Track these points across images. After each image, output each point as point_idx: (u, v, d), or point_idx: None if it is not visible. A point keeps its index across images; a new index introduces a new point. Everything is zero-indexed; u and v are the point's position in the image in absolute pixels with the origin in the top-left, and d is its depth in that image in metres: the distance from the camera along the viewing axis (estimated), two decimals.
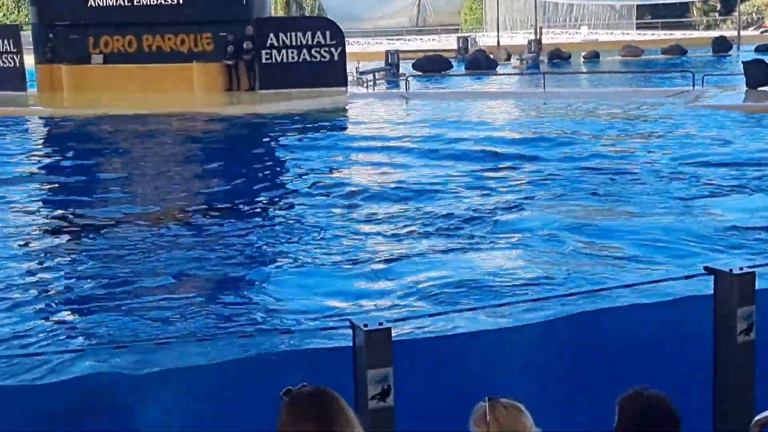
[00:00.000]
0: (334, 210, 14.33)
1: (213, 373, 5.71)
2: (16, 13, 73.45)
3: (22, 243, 13.12)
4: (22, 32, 35.70)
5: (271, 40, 30.69)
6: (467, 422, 3.62)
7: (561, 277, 10.06)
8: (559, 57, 50.45)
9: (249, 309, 9.67)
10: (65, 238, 13.56)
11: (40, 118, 28.61)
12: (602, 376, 5.64)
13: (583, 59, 51.37)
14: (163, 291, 10.36)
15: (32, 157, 21.51)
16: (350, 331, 4.84)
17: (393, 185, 16.10)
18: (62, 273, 11.47)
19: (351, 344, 4.82)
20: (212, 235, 12.90)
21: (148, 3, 31.45)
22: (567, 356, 5.98)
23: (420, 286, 10.10)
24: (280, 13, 68.99)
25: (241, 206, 15.08)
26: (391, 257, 11.35)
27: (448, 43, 60.58)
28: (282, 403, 3.17)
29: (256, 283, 10.67)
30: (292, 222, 13.74)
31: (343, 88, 30.68)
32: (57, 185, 18.34)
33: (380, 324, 4.79)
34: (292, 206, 14.85)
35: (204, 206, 15.09)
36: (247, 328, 8.52)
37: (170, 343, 6.98)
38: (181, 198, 15.63)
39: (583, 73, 44.64)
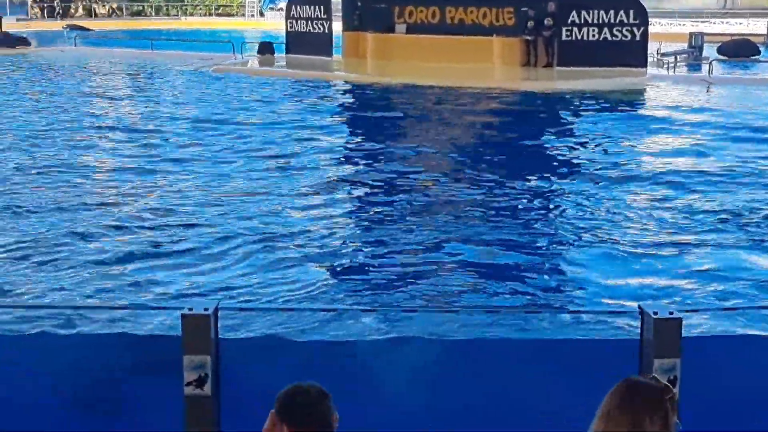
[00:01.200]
0: (624, 193, 14.15)
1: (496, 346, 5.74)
2: None
3: (308, 198, 13.90)
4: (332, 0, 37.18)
5: (573, 17, 30.36)
6: None
7: None
8: None
9: (532, 286, 9.76)
10: (347, 198, 14.28)
11: (345, 83, 29.76)
12: None
13: None
14: (444, 259, 10.65)
15: (334, 120, 22.50)
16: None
17: (689, 172, 15.68)
18: (343, 231, 12.09)
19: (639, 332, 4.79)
20: (496, 209, 13.12)
21: None
22: None
23: (708, 279, 9.88)
24: None
25: (530, 182, 15.19)
26: (681, 246, 11.14)
27: (756, 27, 57.72)
28: (619, 387, 3.28)
29: (541, 260, 10.76)
30: (580, 201, 13.69)
31: (643, 69, 29.93)
32: (353, 148, 19.12)
33: (671, 313, 4.75)
34: (582, 185, 14.75)
35: (495, 178, 15.30)
36: (531, 305, 8.58)
37: (458, 312, 7.15)
38: (469, 168, 15.91)
39: None
